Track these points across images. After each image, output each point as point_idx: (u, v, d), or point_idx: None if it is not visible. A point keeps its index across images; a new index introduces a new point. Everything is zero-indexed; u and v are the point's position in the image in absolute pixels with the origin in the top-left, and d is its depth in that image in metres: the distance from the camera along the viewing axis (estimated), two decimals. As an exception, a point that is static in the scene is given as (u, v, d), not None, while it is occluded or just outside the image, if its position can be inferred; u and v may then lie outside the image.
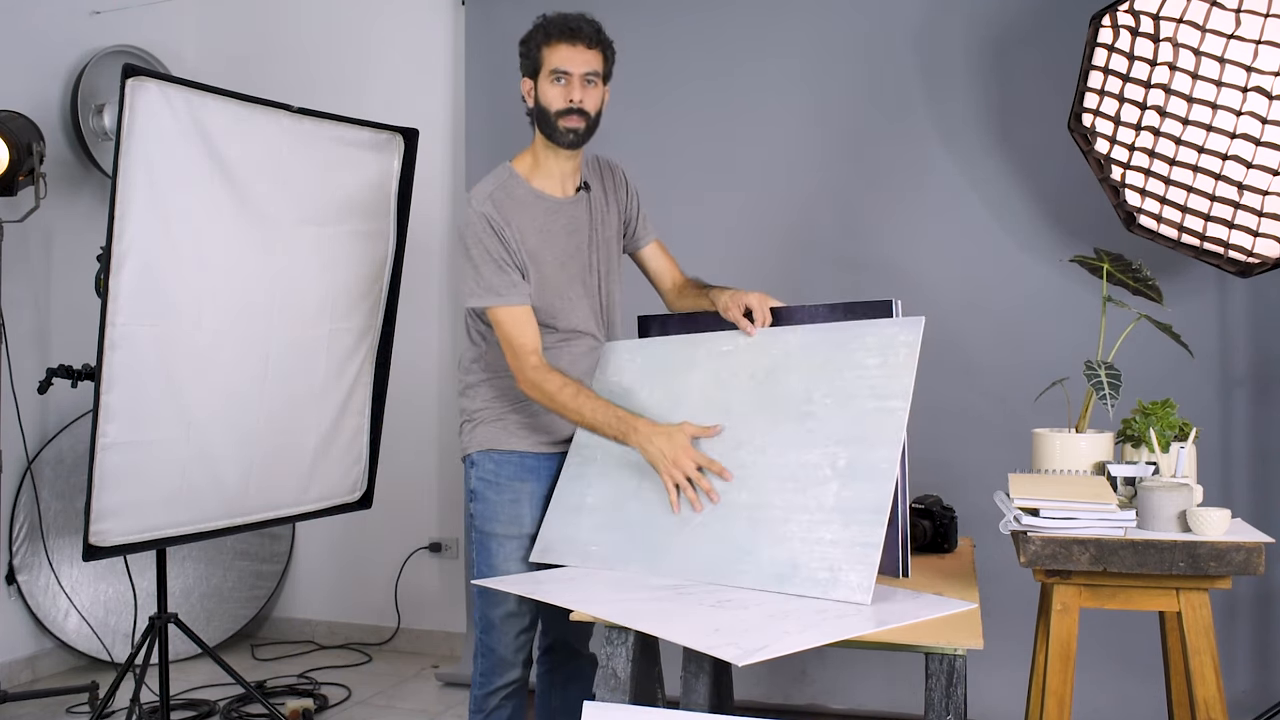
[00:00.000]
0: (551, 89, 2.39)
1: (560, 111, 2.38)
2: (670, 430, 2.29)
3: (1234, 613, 3.36)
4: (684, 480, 2.25)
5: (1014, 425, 3.14)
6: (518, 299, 2.40)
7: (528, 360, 2.38)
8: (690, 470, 2.24)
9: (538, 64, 2.40)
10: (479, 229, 2.39)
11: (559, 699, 2.69)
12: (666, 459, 2.26)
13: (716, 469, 2.24)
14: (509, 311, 2.39)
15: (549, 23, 2.40)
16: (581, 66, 2.38)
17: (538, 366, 2.38)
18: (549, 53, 2.38)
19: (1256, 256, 2.90)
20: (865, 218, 3.70)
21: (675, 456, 2.26)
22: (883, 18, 3.66)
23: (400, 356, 3.54)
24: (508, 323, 2.39)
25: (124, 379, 2.80)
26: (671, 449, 2.26)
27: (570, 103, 2.38)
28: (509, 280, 2.39)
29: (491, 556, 2.47)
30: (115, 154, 2.73)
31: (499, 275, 2.39)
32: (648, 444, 2.29)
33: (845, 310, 2.27)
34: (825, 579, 2.03)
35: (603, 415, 2.35)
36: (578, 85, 2.38)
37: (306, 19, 4.51)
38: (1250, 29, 2.73)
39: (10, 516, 3.95)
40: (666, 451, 2.26)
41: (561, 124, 2.39)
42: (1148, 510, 2.10)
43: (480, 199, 2.41)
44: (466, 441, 2.54)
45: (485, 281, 2.39)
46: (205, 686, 3.87)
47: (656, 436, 2.28)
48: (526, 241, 2.41)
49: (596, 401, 2.37)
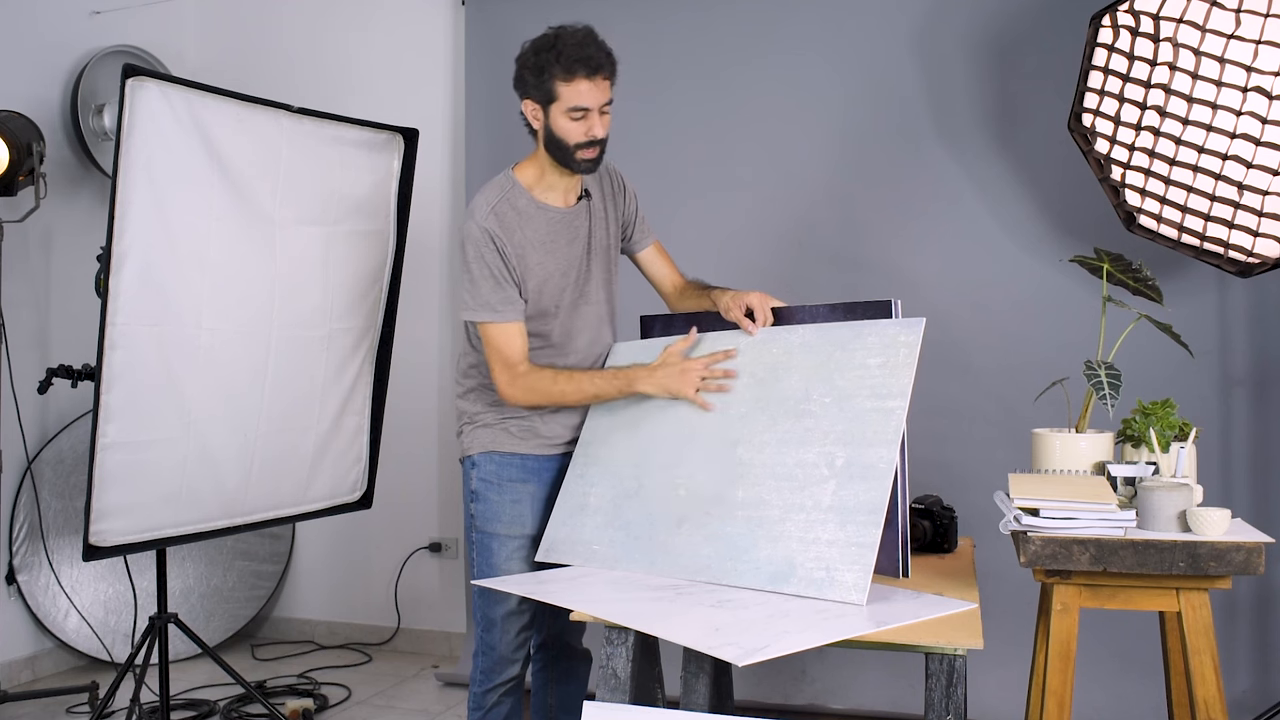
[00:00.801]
0: (569, 124, 2.33)
1: (580, 145, 2.35)
2: (662, 357, 2.41)
3: (1234, 613, 3.36)
4: (701, 382, 2.35)
5: (1014, 425, 3.14)
6: (513, 316, 2.40)
7: (517, 369, 2.39)
8: (701, 371, 2.36)
9: (550, 94, 2.32)
10: (480, 243, 2.38)
11: (554, 695, 2.72)
12: (675, 377, 2.36)
13: (720, 356, 2.37)
14: (502, 328, 2.40)
15: (564, 54, 2.29)
16: (600, 99, 2.33)
17: (527, 371, 2.40)
18: (566, 88, 2.30)
19: (1256, 256, 2.90)
20: (865, 218, 3.70)
21: (681, 369, 2.36)
22: (883, 18, 3.66)
23: (400, 356, 3.54)
24: (500, 338, 2.40)
25: (124, 379, 2.80)
26: (674, 369, 2.37)
27: (590, 137, 2.34)
28: (506, 296, 2.39)
29: (493, 556, 2.49)
30: (115, 154, 2.72)
31: (496, 291, 2.38)
32: (652, 378, 2.38)
33: (846, 310, 2.27)
34: (821, 579, 2.03)
35: (601, 380, 2.43)
36: (597, 119, 2.34)
37: (306, 19, 4.51)
38: (1250, 29, 2.72)
39: (10, 516, 3.95)
40: (672, 373, 2.37)
41: (579, 156, 2.36)
42: (1148, 510, 2.10)
43: (483, 213, 2.38)
44: (467, 443, 2.54)
45: (482, 297, 2.39)
46: (205, 686, 3.86)
47: (656, 370, 2.39)
48: (528, 254, 2.41)
49: (589, 372, 2.46)
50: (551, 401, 2.44)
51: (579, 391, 2.42)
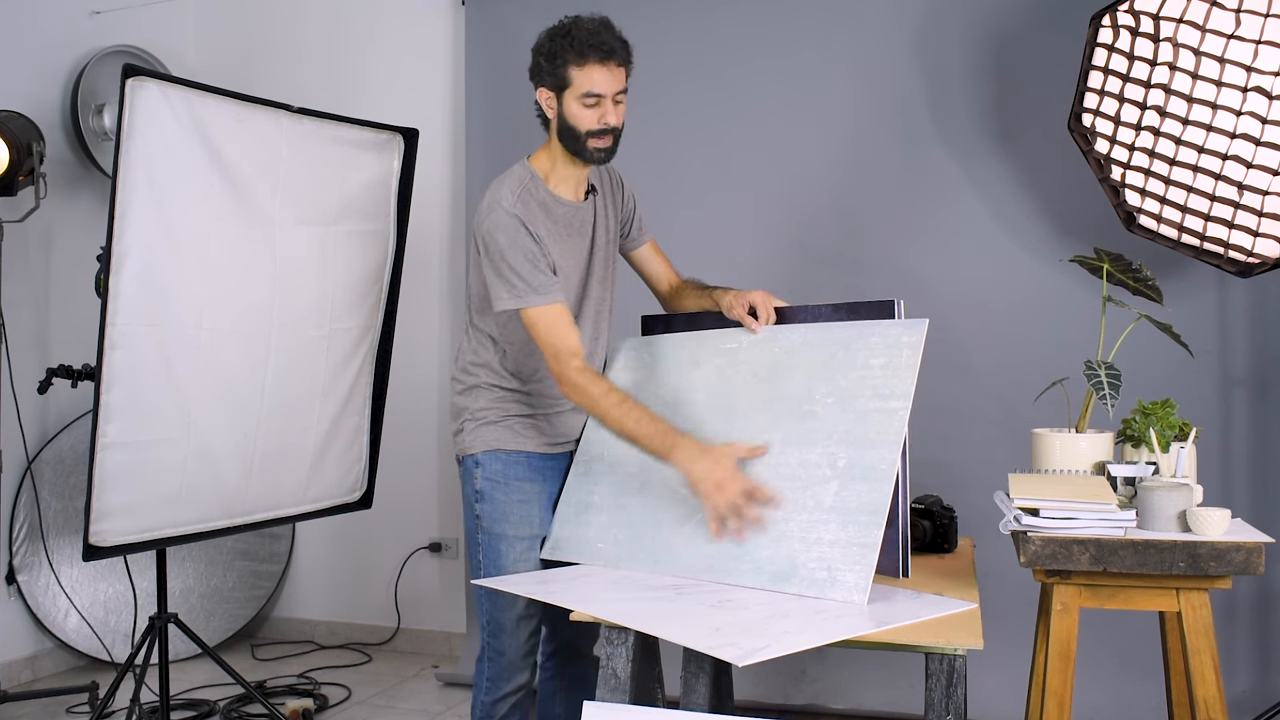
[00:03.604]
0: (582, 110, 2.32)
1: (592, 132, 2.34)
2: (716, 453, 2.16)
3: (1234, 613, 3.36)
4: (729, 510, 2.14)
5: (1014, 425, 3.14)
6: (555, 297, 2.33)
7: (570, 363, 2.30)
8: (735, 498, 2.13)
9: (564, 80, 2.32)
10: (513, 230, 2.33)
11: (563, 704, 2.65)
12: (710, 484, 2.14)
13: (764, 496, 2.13)
14: (548, 311, 2.32)
15: (579, 40, 2.29)
16: (614, 87, 2.33)
17: (582, 370, 2.31)
18: (580, 73, 2.30)
19: (1256, 256, 2.90)
20: (865, 218, 3.70)
21: (721, 481, 2.14)
22: (883, 19, 3.66)
23: (400, 356, 3.54)
24: (546, 322, 2.31)
25: (124, 379, 2.80)
26: (717, 473, 2.14)
27: (603, 125, 2.34)
28: (546, 280, 2.33)
29: (500, 558, 2.43)
30: (115, 154, 2.72)
31: (537, 275, 2.32)
32: (691, 465, 2.16)
33: (849, 310, 2.27)
34: (823, 579, 2.03)
35: (647, 428, 2.23)
36: (610, 106, 2.34)
37: (306, 19, 4.51)
38: (1250, 29, 2.73)
39: (10, 516, 3.95)
40: (711, 475, 2.14)
41: (592, 144, 2.35)
42: (1148, 510, 2.10)
43: (510, 200, 2.35)
44: (469, 441, 2.49)
45: (525, 281, 2.31)
46: (205, 686, 3.86)
47: (701, 459, 2.15)
48: (545, 244, 2.39)
49: (641, 412, 2.25)
50: (591, 412, 2.35)
51: (619, 422, 2.26)
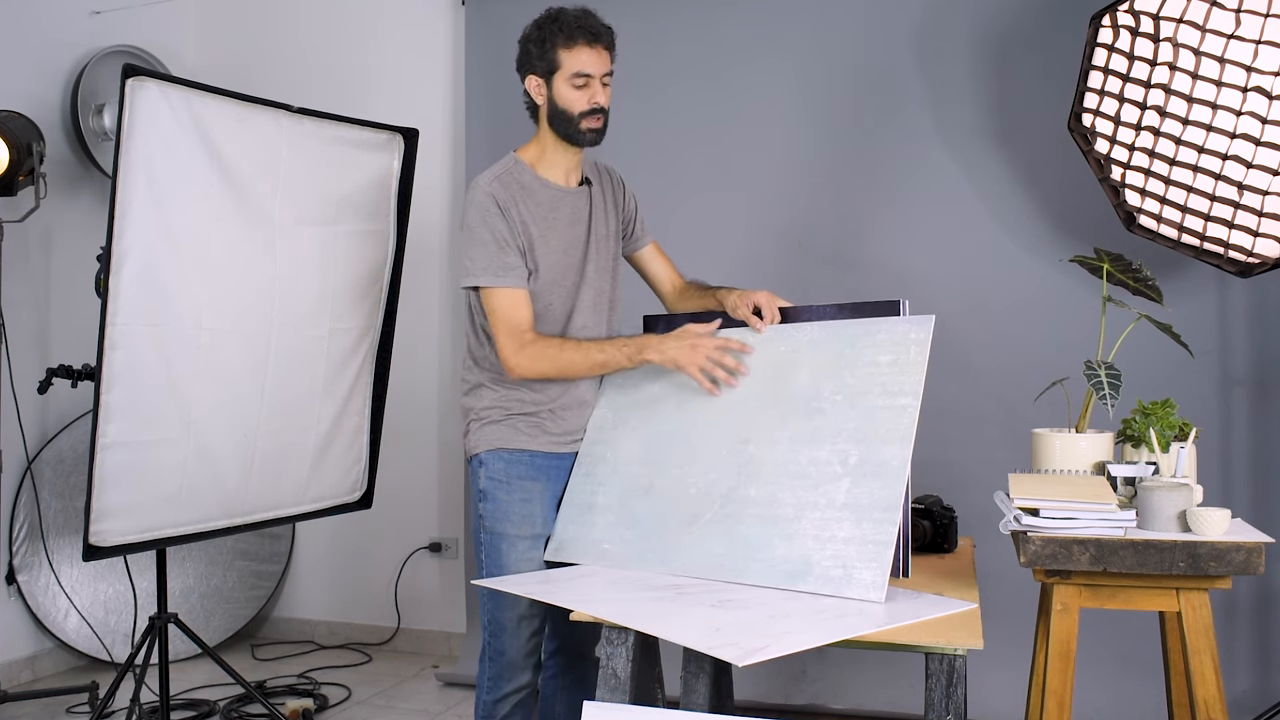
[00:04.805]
0: (572, 92, 2.40)
1: (584, 113, 2.41)
2: (677, 332, 2.38)
3: (1234, 613, 3.36)
4: (710, 363, 2.33)
5: (1014, 425, 3.14)
6: (516, 281, 2.38)
7: (523, 337, 2.37)
8: (711, 351, 2.33)
9: (553, 64, 2.40)
10: (484, 207, 2.39)
11: (564, 704, 2.65)
12: (684, 351, 2.34)
13: (736, 345, 2.34)
14: (506, 294, 2.38)
15: (566, 24, 2.39)
16: (602, 68, 2.41)
17: (535, 337, 2.38)
18: (569, 55, 2.39)
19: (1256, 256, 2.90)
20: (865, 218, 3.70)
21: (693, 344, 2.34)
22: (883, 17, 3.66)
23: (400, 356, 3.54)
24: (504, 304, 2.38)
25: (124, 379, 2.80)
26: (686, 340, 2.35)
27: (593, 105, 2.41)
28: (509, 263, 2.38)
29: (502, 557, 2.44)
30: (115, 154, 2.72)
31: (499, 256, 2.38)
32: (663, 348, 2.36)
33: (853, 310, 2.27)
34: (839, 577, 2.03)
35: (611, 347, 2.40)
36: (599, 87, 2.41)
37: (306, 19, 4.51)
38: (1250, 29, 2.72)
39: (10, 516, 3.95)
40: (682, 346, 2.34)
41: (584, 125, 2.41)
42: (1148, 510, 2.10)
43: (487, 180, 2.42)
44: (474, 441, 2.50)
45: (484, 261, 2.38)
46: (205, 686, 3.86)
47: (668, 339, 2.37)
48: (529, 227, 2.41)
49: (598, 341, 2.44)
50: (559, 371, 2.40)
51: (587, 359, 2.39)
